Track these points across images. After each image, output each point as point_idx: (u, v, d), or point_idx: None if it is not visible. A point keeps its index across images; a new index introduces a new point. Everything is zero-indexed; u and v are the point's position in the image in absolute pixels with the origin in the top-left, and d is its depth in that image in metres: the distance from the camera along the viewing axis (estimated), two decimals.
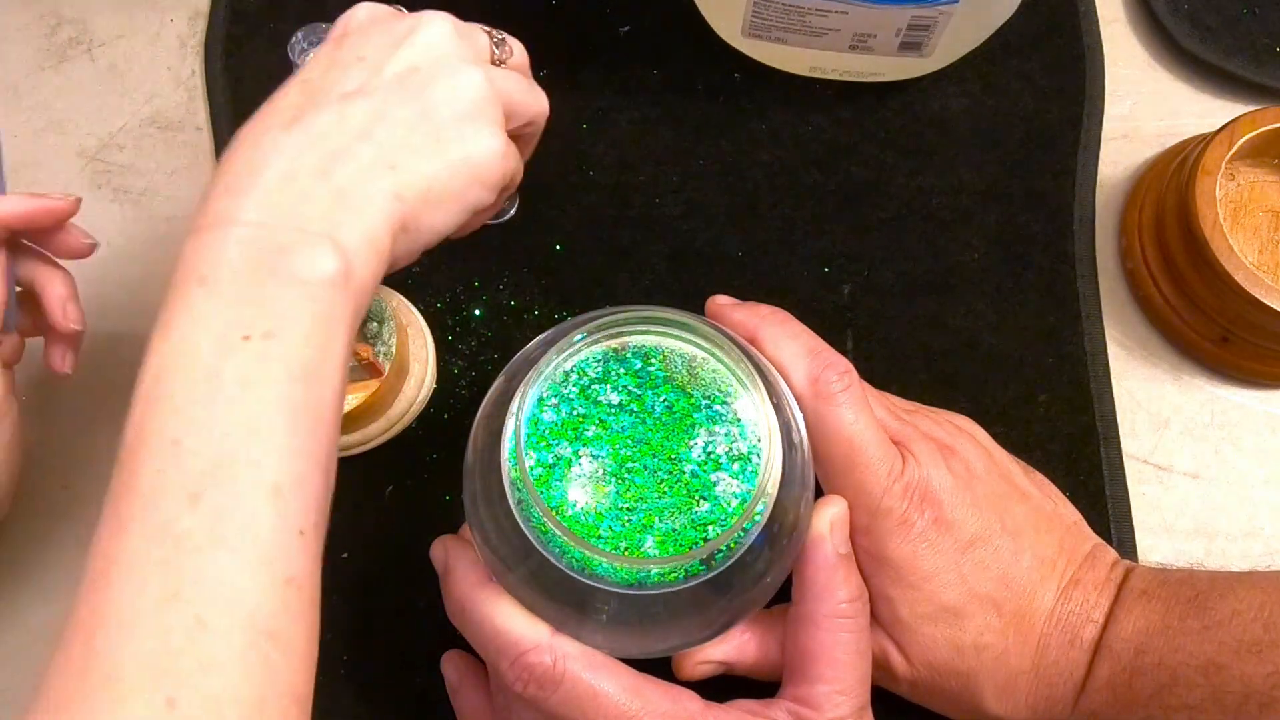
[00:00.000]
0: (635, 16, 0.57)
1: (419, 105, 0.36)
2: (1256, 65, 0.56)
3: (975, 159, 0.55)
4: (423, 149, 0.35)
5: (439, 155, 0.36)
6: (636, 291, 0.52)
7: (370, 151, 0.34)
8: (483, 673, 0.41)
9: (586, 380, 0.37)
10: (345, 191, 0.33)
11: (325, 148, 0.34)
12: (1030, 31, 0.56)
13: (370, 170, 0.34)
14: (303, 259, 0.32)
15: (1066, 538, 0.42)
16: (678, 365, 0.37)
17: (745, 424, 0.36)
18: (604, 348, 0.37)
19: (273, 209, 0.33)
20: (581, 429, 0.36)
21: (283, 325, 0.31)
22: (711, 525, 0.35)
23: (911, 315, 0.52)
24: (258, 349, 0.31)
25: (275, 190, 0.33)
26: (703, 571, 0.35)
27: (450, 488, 0.49)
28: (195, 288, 0.31)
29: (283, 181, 0.33)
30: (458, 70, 0.37)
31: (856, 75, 0.55)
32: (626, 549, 0.35)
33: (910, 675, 0.40)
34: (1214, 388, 0.52)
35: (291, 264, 0.32)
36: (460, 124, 0.36)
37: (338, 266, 0.32)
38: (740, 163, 0.55)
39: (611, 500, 0.35)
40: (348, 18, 0.38)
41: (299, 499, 0.31)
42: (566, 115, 0.55)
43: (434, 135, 0.35)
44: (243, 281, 0.31)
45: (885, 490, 0.39)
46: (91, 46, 0.59)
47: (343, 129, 0.34)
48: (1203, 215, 0.47)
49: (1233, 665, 0.36)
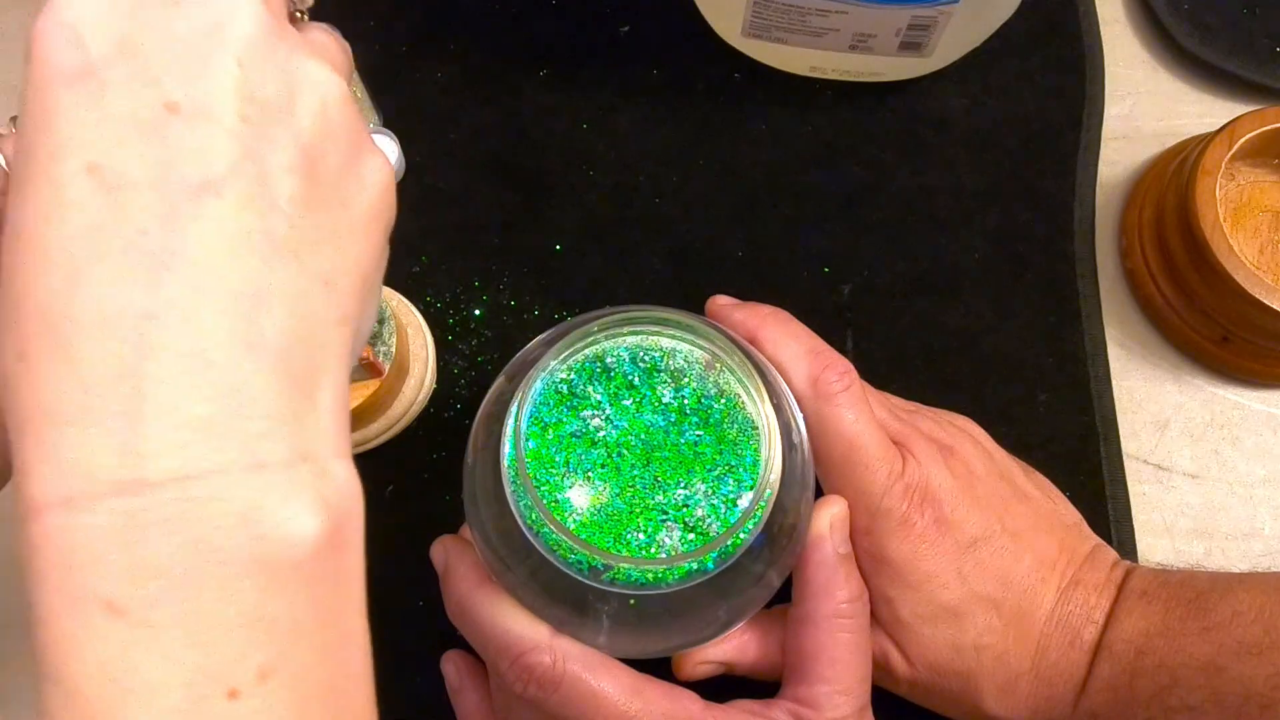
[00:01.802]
0: (635, 16, 0.57)
1: (298, 152, 0.24)
2: (1256, 65, 0.56)
3: (975, 159, 0.55)
4: (332, 217, 0.25)
5: (351, 215, 0.25)
6: (636, 291, 0.52)
7: (283, 267, 0.23)
8: (483, 673, 0.41)
9: (586, 380, 0.37)
10: (290, 355, 0.22)
11: (224, 291, 0.22)
12: (1030, 31, 0.56)
13: (304, 296, 0.23)
14: (280, 523, 0.21)
15: (1067, 538, 0.42)
16: (678, 365, 0.37)
17: (745, 424, 0.36)
18: (604, 348, 0.37)
19: (196, 446, 0.20)
20: (581, 429, 0.36)
21: (285, 649, 0.21)
22: (712, 525, 0.35)
23: (911, 315, 0.52)
24: (256, 705, 0.20)
25: (184, 405, 0.21)
26: (703, 572, 0.35)
27: (450, 488, 0.49)
28: (108, 622, 0.20)
29: (190, 382, 0.21)
30: (307, 77, 0.25)
31: (856, 75, 0.55)
32: (626, 549, 0.35)
33: (910, 676, 0.40)
34: (1214, 388, 0.52)
35: (265, 542, 0.21)
36: (350, 159, 0.26)
37: (326, 511, 0.22)
38: (740, 163, 0.55)
39: (611, 500, 0.35)
40: (72, 26, 0.23)
41: None
42: (566, 115, 0.55)
43: (332, 189, 0.25)
44: (195, 606, 0.20)
45: (885, 490, 0.39)
46: None
47: (229, 251, 0.22)
48: (1203, 215, 0.47)
49: (1233, 667, 0.36)
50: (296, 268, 0.23)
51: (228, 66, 0.23)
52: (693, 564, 0.34)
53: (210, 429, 0.20)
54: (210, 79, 0.23)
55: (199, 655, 0.20)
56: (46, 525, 0.20)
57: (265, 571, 0.21)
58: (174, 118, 0.22)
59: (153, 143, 0.22)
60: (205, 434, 0.20)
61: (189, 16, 0.23)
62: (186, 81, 0.22)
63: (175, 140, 0.22)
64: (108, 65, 0.22)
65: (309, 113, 0.24)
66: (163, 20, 0.23)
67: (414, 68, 0.56)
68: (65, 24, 0.23)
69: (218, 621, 0.20)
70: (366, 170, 0.26)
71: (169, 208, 0.21)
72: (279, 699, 0.21)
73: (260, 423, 0.21)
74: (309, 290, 0.23)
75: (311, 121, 0.24)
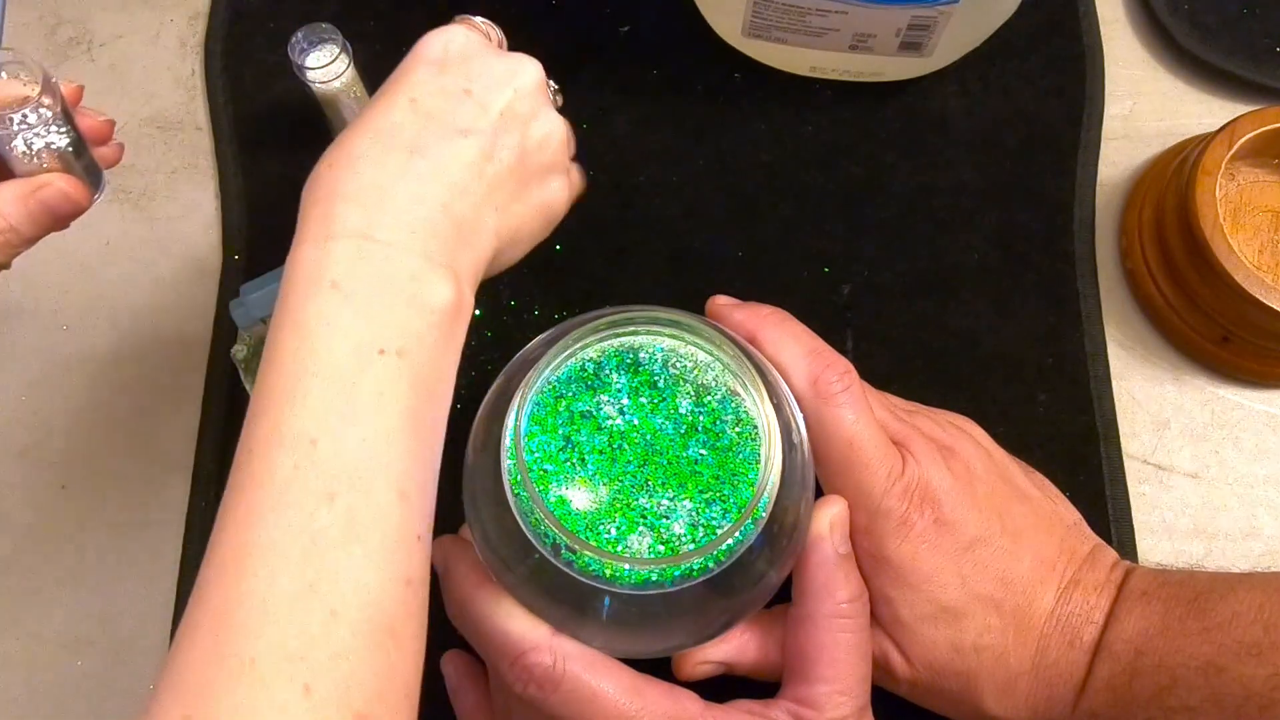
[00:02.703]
0: (635, 16, 0.57)
1: (518, 149, 0.38)
2: (1256, 65, 0.56)
3: (975, 159, 0.55)
4: (518, 192, 0.39)
5: (527, 199, 0.39)
6: (636, 292, 0.52)
7: (481, 190, 0.37)
8: (483, 673, 0.41)
9: (586, 380, 0.37)
10: (462, 226, 0.36)
11: (446, 180, 0.36)
12: (1030, 31, 0.56)
13: (481, 208, 0.37)
14: (430, 287, 0.34)
15: (1067, 538, 0.42)
16: (678, 366, 0.37)
17: (745, 424, 0.36)
18: (604, 348, 0.37)
19: (404, 233, 0.34)
20: (581, 429, 0.36)
21: (412, 345, 0.33)
22: (684, 544, 0.35)
23: (911, 315, 0.52)
24: (392, 365, 0.33)
25: (405, 215, 0.35)
26: (703, 572, 0.35)
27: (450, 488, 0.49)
28: (329, 292, 0.33)
29: (411, 207, 0.35)
30: (547, 118, 0.40)
31: (856, 75, 0.55)
32: (626, 549, 0.35)
33: (910, 676, 0.40)
34: (1214, 388, 0.52)
35: (420, 290, 0.34)
36: (545, 171, 0.40)
37: (455, 297, 0.35)
38: (740, 163, 0.55)
39: (611, 500, 0.35)
40: (445, 41, 0.39)
41: (420, 505, 0.33)
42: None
43: (525, 179, 0.39)
44: (377, 298, 0.33)
45: (885, 491, 0.39)
46: (91, 46, 0.59)
47: (461, 164, 0.37)
48: (1203, 215, 0.47)
49: (1232, 667, 0.36)
50: (486, 191, 0.37)
51: (507, 92, 0.39)
52: (693, 564, 0.34)
53: (413, 231, 0.35)
54: (497, 92, 0.38)
55: (370, 325, 0.33)
56: (311, 248, 0.34)
57: (414, 303, 0.34)
58: (468, 99, 0.38)
59: (451, 103, 0.37)
60: (409, 233, 0.34)
61: (504, 60, 0.39)
62: (484, 89, 0.38)
63: (463, 108, 0.38)
64: (449, 64, 0.39)
65: (537, 133, 0.39)
66: (490, 56, 0.39)
67: None
68: (441, 38, 0.39)
69: (386, 311, 0.33)
70: (552, 182, 0.41)
71: (441, 135, 0.37)
72: (403, 370, 0.33)
73: (437, 242, 0.35)
74: (487, 206, 0.37)
75: (536, 137, 0.39)
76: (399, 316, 0.33)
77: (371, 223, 0.34)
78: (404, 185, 0.35)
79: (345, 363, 0.32)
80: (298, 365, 0.32)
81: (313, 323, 0.32)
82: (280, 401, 0.32)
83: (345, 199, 0.35)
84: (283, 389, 0.32)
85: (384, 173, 0.35)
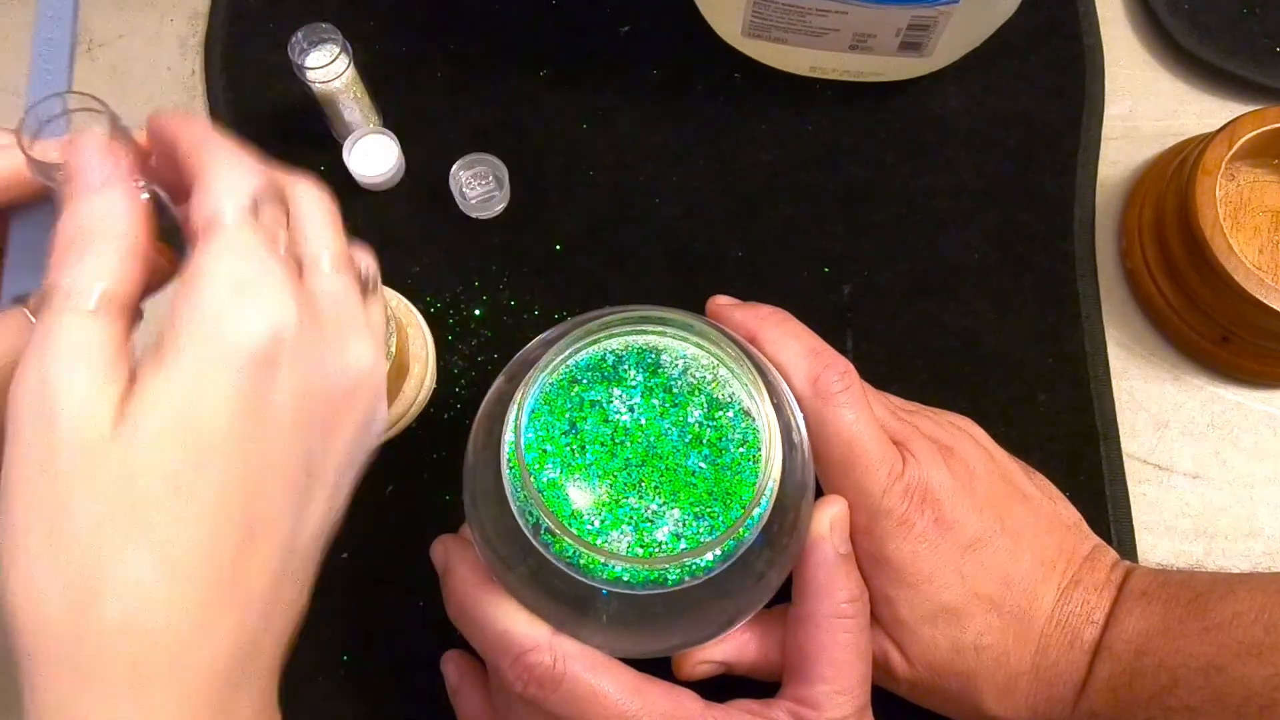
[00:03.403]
0: (635, 16, 0.57)
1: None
2: (1256, 65, 0.56)
3: (975, 159, 0.55)
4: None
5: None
6: (636, 292, 0.52)
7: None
8: (483, 673, 0.41)
9: (586, 380, 0.37)
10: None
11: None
12: (1030, 31, 0.56)
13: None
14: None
15: (1067, 538, 0.42)
16: (696, 375, 0.37)
17: (745, 424, 0.36)
18: (604, 348, 0.37)
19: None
20: (588, 418, 0.36)
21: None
22: (711, 525, 0.35)
23: (911, 315, 0.52)
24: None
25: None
26: (703, 571, 0.35)
27: (450, 488, 0.49)
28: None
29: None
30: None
31: (856, 75, 0.55)
32: (626, 549, 0.35)
33: (910, 676, 0.40)
34: (1214, 388, 0.52)
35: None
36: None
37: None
38: (740, 163, 0.55)
39: (611, 500, 0.35)
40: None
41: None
42: (566, 115, 0.55)
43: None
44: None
45: (885, 490, 0.39)
46: (91, 46, 0.59)
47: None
48: (1203, 215, 0.47)
49: (1233, 667, 0.36)
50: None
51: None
52: (693, 564, 0.34)
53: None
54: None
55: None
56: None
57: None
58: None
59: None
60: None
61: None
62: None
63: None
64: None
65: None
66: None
67: (414, 68, 0.56)
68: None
69: None
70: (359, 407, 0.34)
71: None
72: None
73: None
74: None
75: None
76: None
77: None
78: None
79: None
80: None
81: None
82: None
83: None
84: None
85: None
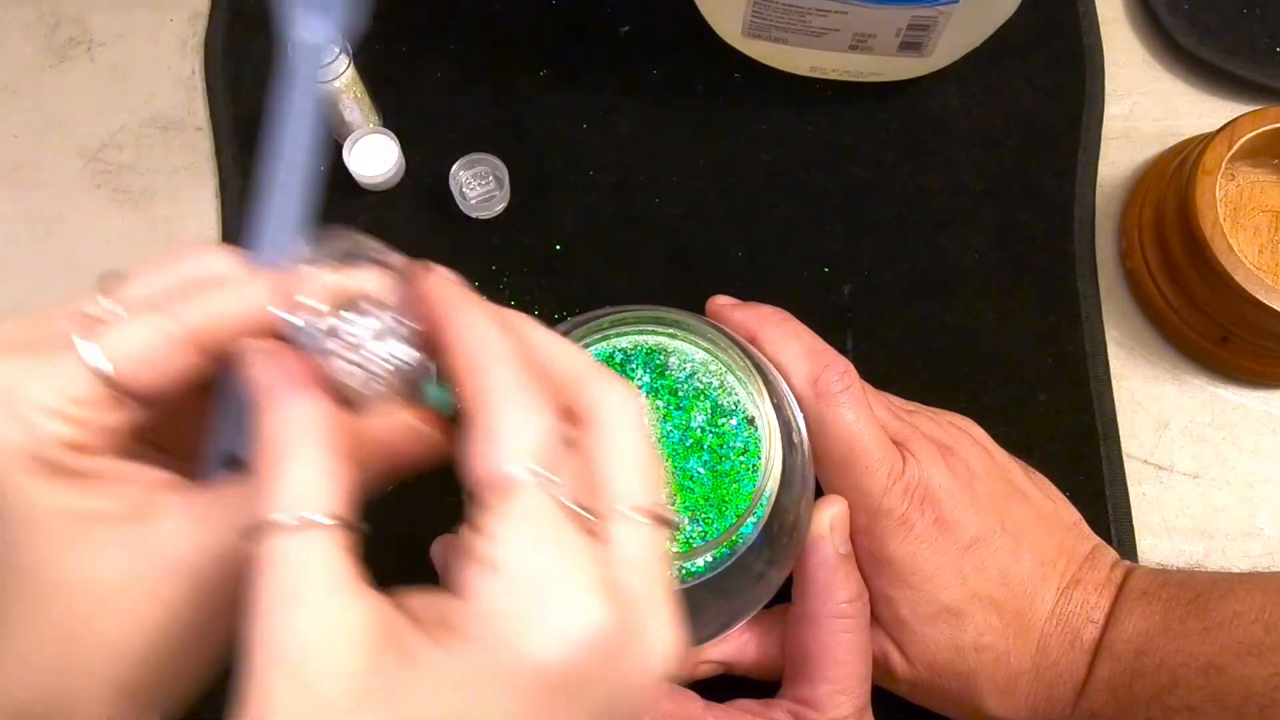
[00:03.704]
0: (635, 16, 0.57)
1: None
2: (1256, 65, 0.56)
3: (975, 159, 0.55)
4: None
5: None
6: (636, 292, 0.52)
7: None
8: None
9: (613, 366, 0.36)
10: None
11: None
12: (1030, 31, 0.56)
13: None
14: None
15: (1067, 538, 0.42)
16: (678, 365, 0.37)
17: (745, 424, 0.36)
18: (604, 348, 0.37)
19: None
20: None
21: None
22: (712, 525, 0.35)
23: (911, 315, 0.52)
24: None
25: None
26: (703, 571, 0.35)
27: (450, 488, 0.49)
28: None
29: None
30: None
31: (856, 75, 0.55)
32: None
33: (910, 675, 0.40)
34: (1214, 388, 0.52)
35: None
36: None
37: None
38: (740, 163, 0.55)
39: None
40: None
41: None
42: (566, 115, 0.55)
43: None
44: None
45: (885, 490, 0.39)
46: (91, 46, 0.59)
47: None
48: (1203, 215, 0.47)
49: (1233, 667, 0.36)
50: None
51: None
52: (693, 564, 0.34)
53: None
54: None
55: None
56: None
57: None
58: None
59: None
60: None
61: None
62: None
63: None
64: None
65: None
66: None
67: (414, 68, 0.56)
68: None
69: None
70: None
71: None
72: None
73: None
74: None
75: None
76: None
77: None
78: None
79: None
80: None
81: None
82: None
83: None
84: None
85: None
